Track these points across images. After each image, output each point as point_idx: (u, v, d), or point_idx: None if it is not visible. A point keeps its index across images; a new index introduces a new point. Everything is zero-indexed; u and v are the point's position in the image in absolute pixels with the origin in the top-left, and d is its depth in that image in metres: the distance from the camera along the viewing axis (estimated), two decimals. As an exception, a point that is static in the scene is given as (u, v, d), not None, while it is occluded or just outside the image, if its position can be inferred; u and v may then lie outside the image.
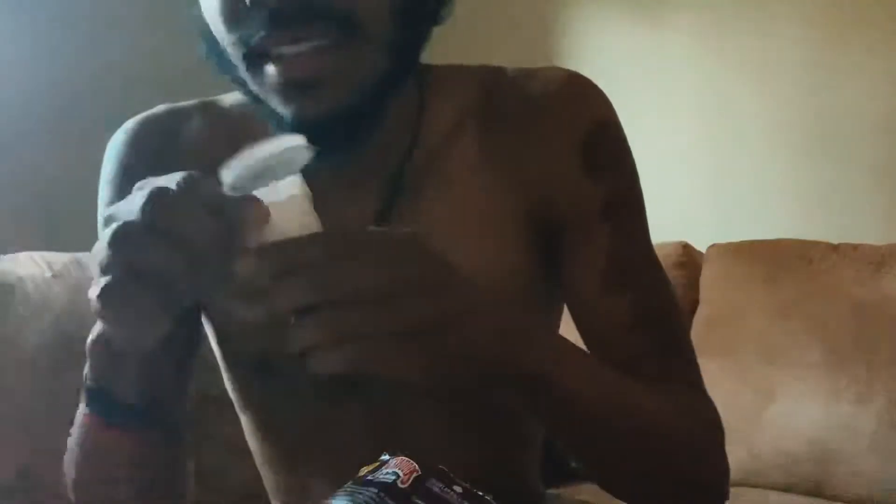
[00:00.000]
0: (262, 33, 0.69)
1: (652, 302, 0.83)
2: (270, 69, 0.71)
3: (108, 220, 0.60)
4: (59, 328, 1.72)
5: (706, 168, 2.55)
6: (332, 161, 0.65)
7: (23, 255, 1.81)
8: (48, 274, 1.77)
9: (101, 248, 0.59)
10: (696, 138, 2.56)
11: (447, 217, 0.81)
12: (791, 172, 2.42)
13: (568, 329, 0.87)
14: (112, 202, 0.86)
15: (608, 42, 2.69)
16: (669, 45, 2.59)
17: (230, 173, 0.58)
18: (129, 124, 0.88)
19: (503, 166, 0.82)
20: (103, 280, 0.58)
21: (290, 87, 0.72)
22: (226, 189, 0.59)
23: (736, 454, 1.96)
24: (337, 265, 0.59)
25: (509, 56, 0.88)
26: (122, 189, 0.85)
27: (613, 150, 0.84)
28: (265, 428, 0.92)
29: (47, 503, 1.62)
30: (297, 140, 0.59)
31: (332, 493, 0.87)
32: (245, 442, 0.95)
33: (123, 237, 0.58)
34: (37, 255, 1.82)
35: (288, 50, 0.70)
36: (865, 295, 1.93)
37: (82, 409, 0.76)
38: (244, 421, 0.94)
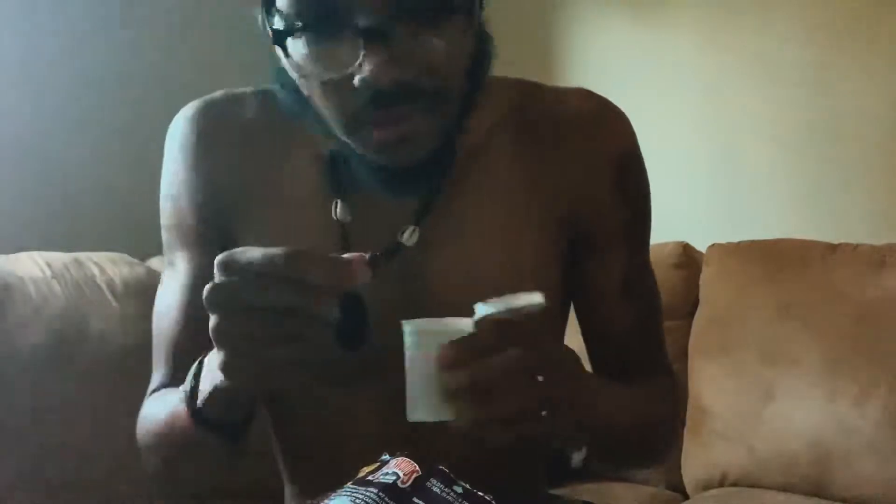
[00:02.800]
0: (369, 109, 0.76)
1: (650, 308, 1.00)
2: (368, 132, 0.79)
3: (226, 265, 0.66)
4: (58, 328, 1.72)
5: (706, 168, 2.54)
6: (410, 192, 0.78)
7: (23, 255, 1.81)
8: (48, 274, 1.77)
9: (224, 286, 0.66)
10: (696, 138, 2.56)
11: (478, 217, 0.89)
12: (791, 172, 2.42)
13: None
14: (173, 181, 0.92)
15: (608, 42, 2.69)
16: (670, 45, 2.59)
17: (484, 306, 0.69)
18: (190, 108, 0.93)
19: (532, 175, 0.91)
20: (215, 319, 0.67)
21: (386, 145, 0.79)
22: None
23: (736, 454, 1.99)
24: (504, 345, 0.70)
25: (509, 56, 0.89)
26: (184, 166, 0.91)
27: (640, 178, 0.96)
28: (286, 417, 0.96)
29: (47, 501, 1.62)
30: (539, 298, 0.70)
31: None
32: (251, 445, 0.97)
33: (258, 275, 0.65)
34: (37, 255, 1.82)
35: (387, 118, 0.77)
36: (865, 295, 1.93)
37: (180, 403, 0.81)
38: (269, 412, 0.99)
